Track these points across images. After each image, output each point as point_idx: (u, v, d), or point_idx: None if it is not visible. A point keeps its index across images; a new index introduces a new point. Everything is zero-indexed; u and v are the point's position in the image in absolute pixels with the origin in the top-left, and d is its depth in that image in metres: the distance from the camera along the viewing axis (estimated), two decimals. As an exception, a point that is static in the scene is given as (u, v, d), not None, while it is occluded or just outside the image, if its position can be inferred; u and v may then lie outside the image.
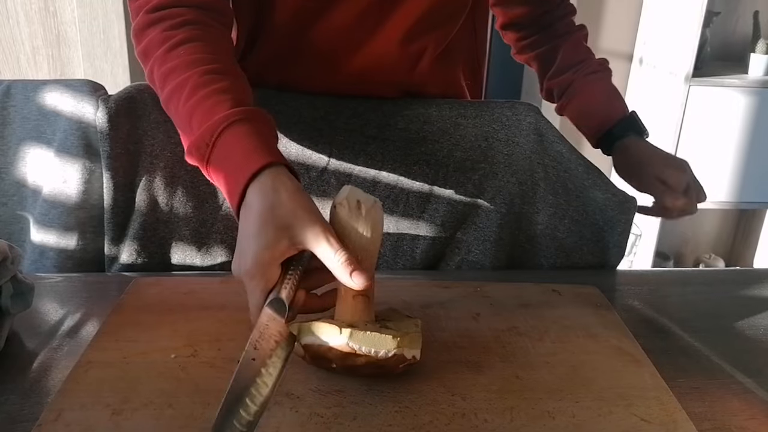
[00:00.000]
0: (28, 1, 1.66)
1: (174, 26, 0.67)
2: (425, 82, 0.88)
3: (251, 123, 0.61)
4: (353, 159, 0.86)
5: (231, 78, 0.65)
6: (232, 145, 0.59)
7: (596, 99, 0.96)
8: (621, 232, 0.89)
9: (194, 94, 0.63)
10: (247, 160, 0.58)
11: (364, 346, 0.54)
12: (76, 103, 0.82)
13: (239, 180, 0.57)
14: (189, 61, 0.65)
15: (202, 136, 0.60)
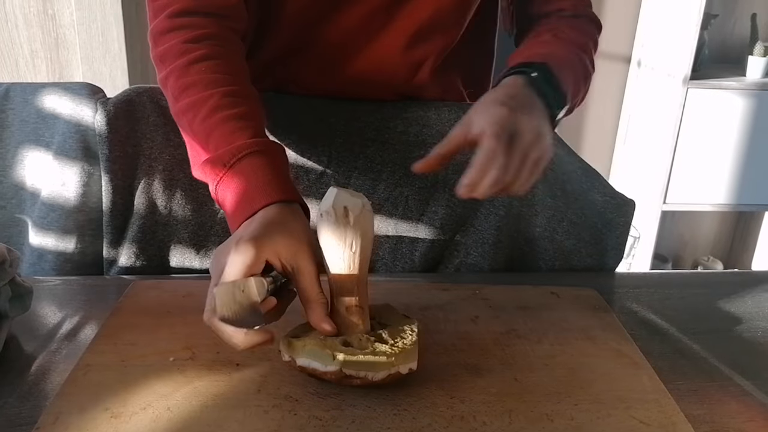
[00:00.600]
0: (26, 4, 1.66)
1: (195, 39, 0.69)
2: (425, 86, 0.88)
3: (271, 156, 0.63)
4: (352, 161, 0.86)
5: (250, 103, 0.67)
6: (250, 174, 0.61)
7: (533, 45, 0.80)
8: (619, 235, 0.89)
9: (213, 115, 0.64)
10: (266, 188, 0.60)
11: (360, 371, 0.54)
12: (75, 106, 0.82)
13: (254, 204, 0.59)
14: (209, 80, 0.66)
15: (221, 157, 0.62)
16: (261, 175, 0.61)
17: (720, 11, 2.27)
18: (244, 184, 0.61)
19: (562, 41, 0.77)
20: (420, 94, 0.89)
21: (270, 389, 0.57)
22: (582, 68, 0.76)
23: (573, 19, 0.84)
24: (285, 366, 0.60)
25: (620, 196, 0.89)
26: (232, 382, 0.58)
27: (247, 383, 0.58)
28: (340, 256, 0.56)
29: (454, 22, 0.83)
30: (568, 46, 0.77)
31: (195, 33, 0.69)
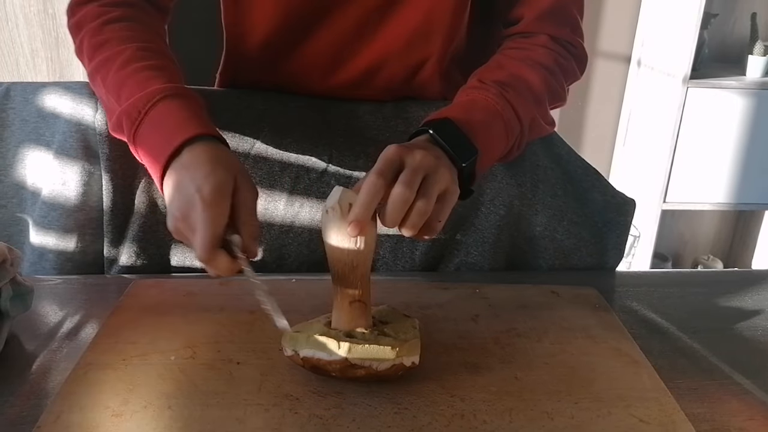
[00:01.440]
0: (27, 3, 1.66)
1: (111, 3, 0.71)
2: (427, 87, 0.88)
3: (186, 99, 0.65)
4: (353, 161, 0.86)
5: (164, 59, 0.68)
6: (167, 115, 0.62)
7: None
8: (619, 234, 0.89)
9: (127, 66, 0.65)
10: (185, 124, 0.61)
11: (364, 360, 0.55)
12: (75, 106, 0.82)
13: (173, 140, 0.60)
14: (123, 37, 0.68)
15: (134, 104, 0.63)
16: (177, 114, 0.63)
17: (720, 10, 2.27)
18: (162, 126, 0.62)
19: (489, 85, 0.71)
20: (421, 94, 0.89)
21: (271, 388, 0.58)
22: (510, 111, 0.70)
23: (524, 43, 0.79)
24: (286, 364, 0.60)
25: (620, 195, 0.89)
26: (232, 381, 0.58)
27: (247, 382, 0.58)
28: (344, 251, 0.56)
29: (451, 23, 0.83)
30: (491, 90, 0.71)
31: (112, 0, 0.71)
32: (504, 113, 0.70)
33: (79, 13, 0.72)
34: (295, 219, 0.85)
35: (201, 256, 0.57)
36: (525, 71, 0.75)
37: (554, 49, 0.79)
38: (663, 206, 2.24)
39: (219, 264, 0.58)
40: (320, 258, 0.87)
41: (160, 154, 0.61)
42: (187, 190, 0.58)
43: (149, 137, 0.63)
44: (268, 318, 0.67)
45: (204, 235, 0.56)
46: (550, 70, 0.77)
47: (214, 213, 0.56)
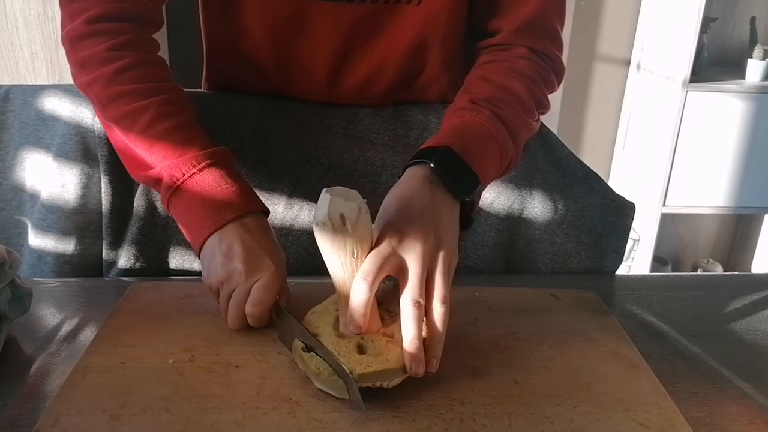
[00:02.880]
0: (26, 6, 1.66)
1: (119, 46, 0.70)
2: (426, 91, 0.89)
3: (228, 165, 0.68)
4: (352, 164, 0.86)
5: (188, 110, 0.70)
6: (213, 183, 0.66)
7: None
8: (619, 237, 0.89)
9: (154, 125, 0.67)
10: (234, 199, 0.65)
11: (375, 382, 0.55)
12: (75, 108, 0.82)
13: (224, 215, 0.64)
14: (143, 90, 0.68)
15: (177, 165, 0.65)
16: (225, 186, 0.66)
17: (719, 14, 2.27)
18: (209, 195, 0.65)
19: (480, 105, 0.70)
20: (421, 98, 0.89)
21: (269, 391, 0.57)
22: (504, 133, 0.69)
23: (504, 55, 0.78)
24: (285, 367, 0.60)
25: (620, 198, 0.89)
26: (231, 384, 0.58)
27: (246, 385, 0.58)
28: (342, 263, 0.56)
29: (447, 27, 0.83)
30: (484, 112, 0.69)
31: (117, 40, 0.70)
32: (498, 136, 0.69)
33: (83, 51, 0.70)
34: (294, 222, 0.85)
35: (256, 312, 0.63)
36: (511, 82, 0.74)
37: (534, 60, 0.78)
38: (662, 210, 2.25)
39: (262, 321, 0.64)
40: (320, 261, 0.86)
41: (220, 214, 0.65)
42: (256, 252, 0.64)
43: (196, 200, 0.66)
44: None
45: (268, 296, 0.63)
46: (533, 80, 0.77)
47: (279, 280, 0.64)
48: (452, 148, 0.64)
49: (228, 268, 0.63)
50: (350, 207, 0.54)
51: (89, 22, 0.70)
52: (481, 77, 0.76)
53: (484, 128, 0.68)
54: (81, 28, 0.70)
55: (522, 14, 0.78)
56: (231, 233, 0.64)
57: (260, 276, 0.63)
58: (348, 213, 0.53)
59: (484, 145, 0.68)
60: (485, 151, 0.68)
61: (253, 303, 0.63)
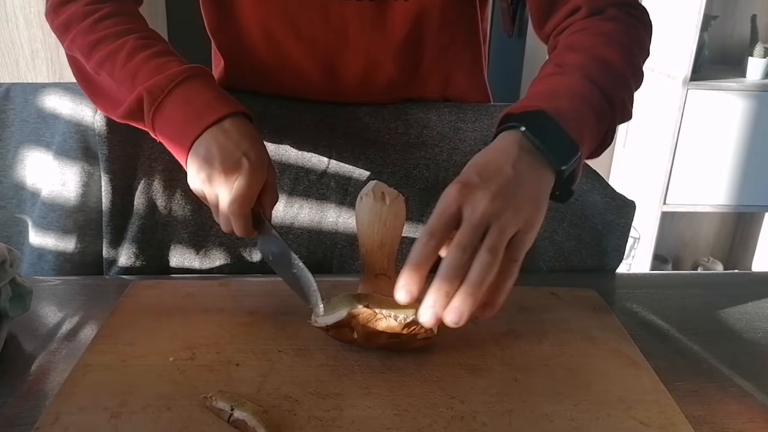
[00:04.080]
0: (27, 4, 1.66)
1: (95, 1, 0.72)
2: (425, 88, 0.88)
3: (207, 79, 0.69)
4: (353, 163, 0.86)
5: (164, 43, 0.71)
6: (198, 92, 0.66)
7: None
8: (619, 236, 0.89)
9: (134, 56, 0.68)
10: (214, 103, 0.66)
11: (384, 310, 0.57)
12: (75, 106, 0.82)
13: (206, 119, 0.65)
14: (120, 31, 0.70)
15: (157, 83, 0.66)
16: (204, 94, 0.67)
17: (720, 12, 2.27)
18: (189, 105, 0.66)
19: (568, 69, 0.64)
20: (421, 96, 0.89)
21: (269, 389, 0.57)
22: (598, 95, 0.63)
23: (590, 22, 0.71)
24: (285, 366, 0.60)
25: (620, 197, 0.89)
26: (231, 382, 0.58)
27: (246, 383, 0.58)
28: (375, 230, 0.63)
29: (442, 18, 0.82)
30: (574, 74, 0.63)
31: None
32: (592, 99, 0.61)
33: (64, 14, 0.72)
34: (294, 220, 0.85)
35: (234, 209, 0.62)
36: (603, 50, 0.66)
37: (625, 21, 0.71)
38: (663, 208, 2.24)
39: (243, 221, 0.63)
40: (320, 259, 0.87)
41: (200, 121, 0.65)
42: (233, 152, 0.63)
43: (175, 116, 0.66)
44: (268, 319, 0.68)
45: (245, 192, 0.62)
46: (626, 46, 0.69)
47: (257, 176, 0.63)
48: (545, 111, 0.57)
49: (207, 170, 0.63)
50: (391, 191, 0.65)
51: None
52: (567, 46, 0.68)
53: (577, 91, 0.61)
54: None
55: None
56: (208, 137, 0.64)
57: (237, 174, 0.63)
58: (388, 192, 0.65)
59: (578, 109, 0.60)
60: (580, 116, 0.60)
61: (232, 201, 0.62)
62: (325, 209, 0.86)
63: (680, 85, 2.09)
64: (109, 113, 0.73)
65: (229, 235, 0.65)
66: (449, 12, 0.82)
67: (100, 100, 0.73)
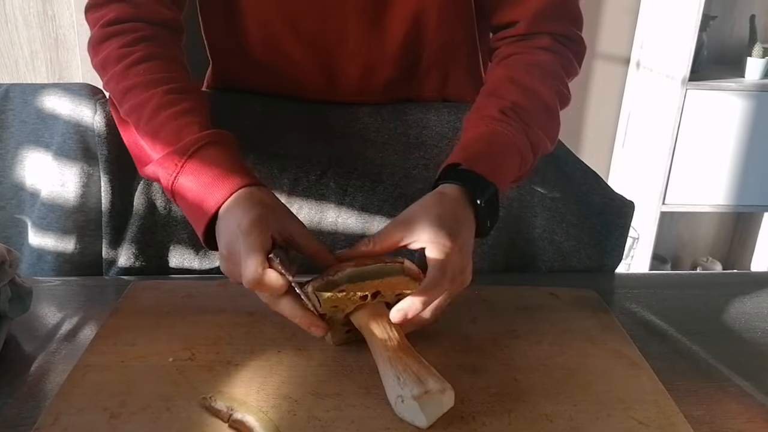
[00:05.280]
0: (26, 5, 1.66)
1: (130, 42, 0.70)
2: (423, 89, 0.88)
3: (224, 146, 0.65)
4: (352, 163, 0.86)
5: (192, 97, 0.69)
6: (209, 164, 0.63)
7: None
8: (619, 236, 0.89)
9: (157, 115, 0.66)
10: (228, 177, 0.62)
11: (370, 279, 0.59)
12: (74, 107, 0.82)
13: (219, 193, 0.61)
14: (148, 81, 0.68)
15: (175, 152, 0.63)
16: (219, 165, 0.63)
17: (719, 12, 2.27)
18: (204, 176, 0.63)
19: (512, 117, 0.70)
20: (420, 96, 0.89)
21: (269, 390, 0.57)
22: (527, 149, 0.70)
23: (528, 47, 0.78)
24: (285, 366, 0.60)
25: (619, 197, 0.89)
26: (231, 383, 0.58)
27: (246, 384, 0.58)
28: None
29: (440, 19, 0.82)
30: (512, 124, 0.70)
31: (130, 37, 0.71)
32: (524, 152, 0.69)
33: (102, 54, 0.71)
34: (294, 220, 0.85)
35: (250, 280, 0.57)
36: (536, 84, 0.74)
37: (557, 50, 0.78)
38: (662, 208, 2.24)
39: (269, 281, 0.57)
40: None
41: (205, 206, 0.62)
42: (230, 228, 0.60)
43: (191, 187, 0.63)
44: (267, 319, 0.68)
45: (247, 259, 0.57)
46: (557, 76, 0.76)
47: (253, 238, 0.57)
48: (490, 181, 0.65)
49: (222, 261, 0.62)
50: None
51: (105, 26, 0.71)
52: (508, 78, 0.75)
53: (512, 143, 0.69)
54: (99, 33, 0.72)
55: (539, 2, 0.77)
56: (220, 224, 0.62)
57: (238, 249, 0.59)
58: None
59: (509, 161, 0.68)
60: (510, 166, 0.69)
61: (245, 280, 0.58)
62: (324, 209, 0.86)
63: (679, 85, 2.09)
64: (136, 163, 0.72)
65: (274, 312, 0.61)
66: (447, 11, 0.82)
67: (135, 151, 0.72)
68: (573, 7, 0.80)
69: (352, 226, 0.87)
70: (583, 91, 2.38)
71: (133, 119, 0.68)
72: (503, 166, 0.68)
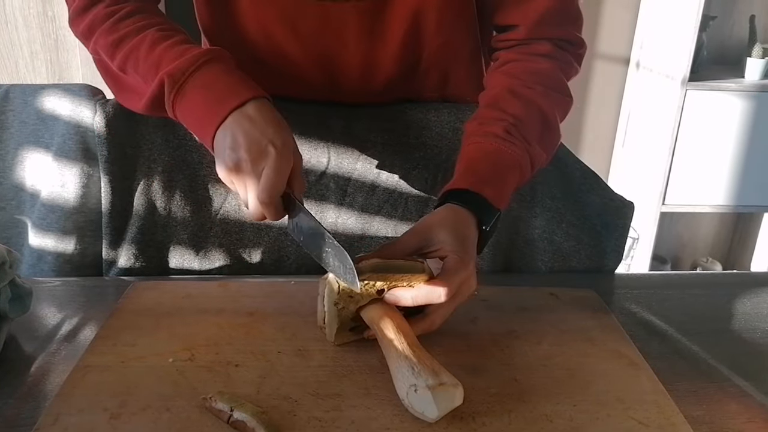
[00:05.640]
0: (26, 5, 1.66)
1: (117, 1, 0.73)
2: (423, 89, 0.88)
3: (226, 61, 0.68)
4: (352, 163, 0.86)
5: (184, 34, 0.72)
6: (219, 74, 0.66)
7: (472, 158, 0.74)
8: (618, 236, 0.89)
9: (155, 48, 0.68)
10: (236, 88, 0.66)
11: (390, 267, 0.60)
12: (74, 108, 0.82)
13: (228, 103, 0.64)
14: (140, 26, 0.71)
15: (179, 66, 0.66)
16: (225, 78, 0.66)
17: (718, 13, 2.27)
18: (210, 89, 0.65)
19: (516, 136, 0.72)
20: (420, 96, 0.89)
21: (269, 390, 0.58)
22: (527, 168, 0.73)
23: (527, 54, 0.78)
24: (284, 366, 0.60)
25: (619, 197, 0.89)
26: (231, 383, 0.58)
27: (246, 384, 0.58)
28: None
29: (439, 19, 0.82)
30: (516, 144, 0.72)
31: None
32: (524, 170, 0.72)
33: (87, 18, 0.73)
34: (294, 221, 0.85)
35: (265, 197, 0.61)
36: (537, 97, 0.75)
37: (557, 57, 0.78)
38: (662, 208, 2.24)
39: (274, 208, 0.63)
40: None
41: (222, 105, 0.64)
42: (259, 139, 0.62)
43: (199, 96, 0.66)
44: (267, 319, 0.68)
45: (274, 180, 0.61)
46: (559, 88, 0.77)
47: (285, 163, 0.62)
48: (494, 205, 0.68)
49: (234, 159, 0.63)
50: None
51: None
52: (509, 90, 0.76)
53: (516, 163, 0.71)
54: (81, 2, 0.73)
55: (540, 5, 0.77)
56: (233, 123, 0.63)
57: (265, 163, 0.62)
58: None
59: (512, 180, 0.71)
60: (512, 185, 0.72)
61: (262, 190, 0.61)
62: (324, 209, 0.86)
63: (679, 85, 2.09)
64: (137, 108, 0.73)
65: (258, 221, 0.65)
66: (447, 11, 0.82)
67: (128, 98, 0.74)
68: (574, 9, 0.80)
69: (352, 227, 0.87)
70: (583, 91, 2.38)
71: (131, 63, 0.70)
72: (506, 186, 0.71)
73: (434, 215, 0.66)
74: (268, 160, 0.62)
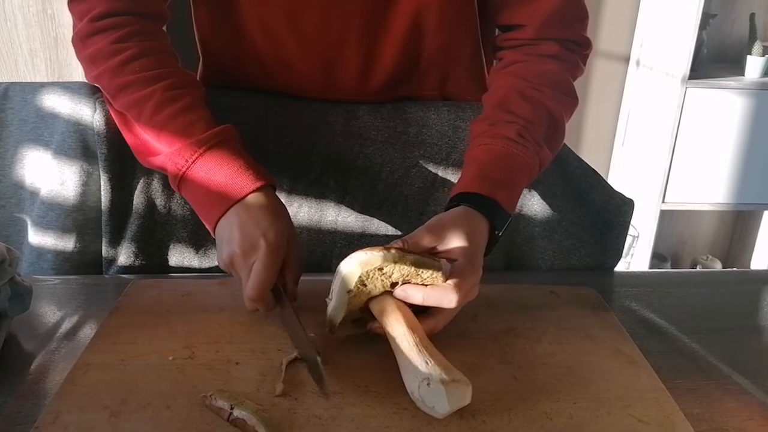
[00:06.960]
0: (26, 3, 1.66)
1: (122, 38, 0.72)
2: (423, 87, 0.88)
3: (232, 144, 0.69)
4: (352, 161, 0.86)
5: (192, 92, 0.71)
6: (221, 162, 0.67)
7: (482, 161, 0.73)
8: (618, 234, 0.89)
9: (159, 112, 0.69)
10: (242, 176, 0.66)
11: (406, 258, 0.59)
12: (74, 106, 0.82)
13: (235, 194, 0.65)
14: (146, 78, 0.70)
15: (180, 151, 0.67)
16: (226, 167, 0.67)
17: (718, 11, 2.27)
18: (212, 181, 0.66)
19: (528, 139, 0.72)
20: (420, 94, 0.89)
21: (269, 388, 0.58)
22: (536, 169, 0.73)
23: (533, 56, 0.78)
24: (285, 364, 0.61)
25: (619, 195, 0.89)
26: (231, 381, 0.58)
27: (246, 382, 0.58)
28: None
29: (440, 18, 0.82)
30: (528, 147, 0.72)
31: (121, 33, 0.72)
32: (532, 171, 0.72)
33: (91, 47, 0.72)
34: (293, 219, 0.85)
35: (253, 294, 0.63)
36: (546, 99, 0.75)
37: (565, 58, 0.78)
38: (662, 206, 2.24)
39: (263, 303, 0.65)
40: (318, 258, 0.87)
41: (224, 200, 0.66)
42: (252, 233, 0.64)
43: (203, 185, 0.67)
44: (267, 317, 0.68)
45: (263, 277, 0.63)
46: (566, 89, 0.77)
47: (274, 259, 0.64)
48: (505, 209, 0.68)
49: (229, 253, 0.65)
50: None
51: (94, 20, 0.72)
52: (517, 92, 0.75)
53: (527, 166, 0.71)
54: (87, 27, 0.73)
55: (548, 4, 0.76)
56: (232, 216, 0.65)
57: (256, 257, 0.63)
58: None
59: (523, 182, 0.72)
60: (522, 187, 0.73)
61: (249, 287, 0.64)
62: (324, 208, 0.86)
63: (679, 83, 2.09)
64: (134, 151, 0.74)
65: (253, 311, 0.67)
66: (449, 10, 0.82)
67: (126, 130, 0.75)
68: (581, 8, 0.80)
69: (352, 225, 0.87)
70: (583, 89, 2.38)
71: (133, 114, 0.70)
72: (518, 191, 0.72)
73: (449, 215, 0.66)
74: (258, 254, 0.63)
